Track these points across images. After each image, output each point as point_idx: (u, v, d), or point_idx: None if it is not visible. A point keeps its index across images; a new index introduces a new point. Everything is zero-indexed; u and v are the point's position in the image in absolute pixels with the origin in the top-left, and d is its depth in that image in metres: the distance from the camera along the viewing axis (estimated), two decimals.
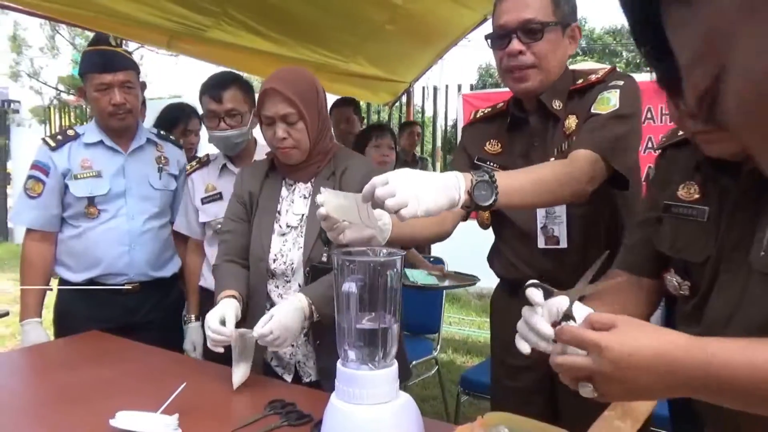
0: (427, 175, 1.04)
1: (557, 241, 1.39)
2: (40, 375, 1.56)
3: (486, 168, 1.14)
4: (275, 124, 1.48)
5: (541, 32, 1.33)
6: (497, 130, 1.51)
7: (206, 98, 1.93)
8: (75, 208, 1.92)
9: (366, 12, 3.37)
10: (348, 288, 0.96)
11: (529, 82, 1.37)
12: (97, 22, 2.73)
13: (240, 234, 1.61)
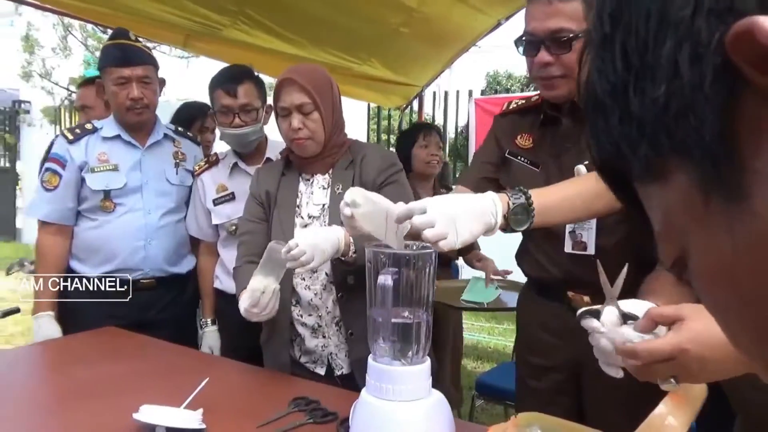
0: (464, 200, 1.00)
1: (584, 247, 1.36)
2: (57, 370, 1.54)
3: (522, 189, 1.09)
4: (291, 114, 1.48)
5: (570, 43, 1.26)
6: (530, 124, 1.47)
7: (219, 93, 1.88)
8: (91, 201, 1.90)
9: (381, 14, 3.36)
10: (384, 281, 0.94)
11: (557, 91, 1.33)
12: (115, 19, 2.72)
13: (259, 234, 1.58)
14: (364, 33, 3.58)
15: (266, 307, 1.31)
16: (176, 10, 2.84)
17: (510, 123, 1.52)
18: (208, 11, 2.92)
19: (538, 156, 1.43)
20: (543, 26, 1.26)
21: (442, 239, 0.93)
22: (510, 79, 15.62)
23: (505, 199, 1.05)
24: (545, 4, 1.24)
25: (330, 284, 1.51)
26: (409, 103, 5.41)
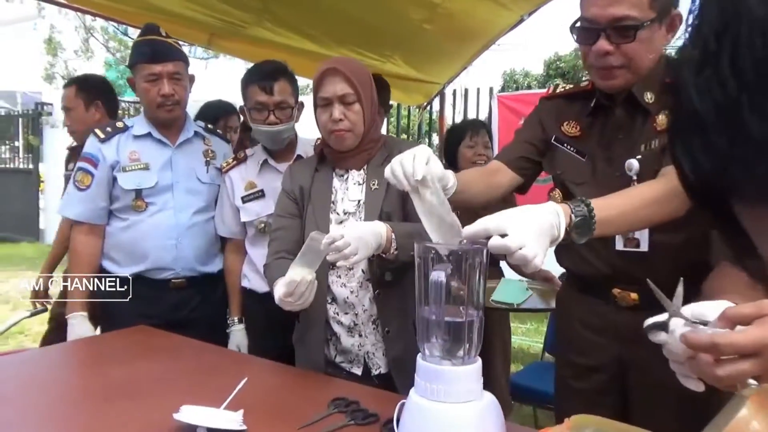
0: (534, 215, 0.95)
1: (637, 244, 1.29)
2: (92, 368, 1.52)
3: (583, 200, 1.04)
4: (332, 104, 1.45)
5: (634, 32, 1.18)
6: (577, 111, 1.41)
7: (255, 89, 1.85)
8: (123, 200, 1.89)
9: (405, 10, 3.32)
10: (437, 277, 0.90)
11: (615, 81, 1.26)
12: (140, 17, 2.72)
13: (292, 230, 1.55)
14: (387, 30, 3.55)
15: (301, 296, 1.27)
16: (201, 8, 2.84)
17: (556, 107, 1.45)
18: (232, 9, 2.91)
19: (585, 145, 1.38)
20: (605, 13, 1.19)
21: (530, 263, 0.89)
22: (527, 77, 15.51)
23: (567, 211, 1.00)
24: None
25: (366, 282, 1.48)
26: (430, 101, 5.37)
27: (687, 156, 0.35)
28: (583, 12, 1.24)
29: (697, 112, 0.32)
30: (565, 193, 1.41)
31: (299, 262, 1.28)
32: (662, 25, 1.22)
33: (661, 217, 1.14)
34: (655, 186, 1.14)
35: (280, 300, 1.29)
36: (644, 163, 1.26)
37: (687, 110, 0.33)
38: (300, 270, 1.27)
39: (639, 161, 1.26)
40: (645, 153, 1.27)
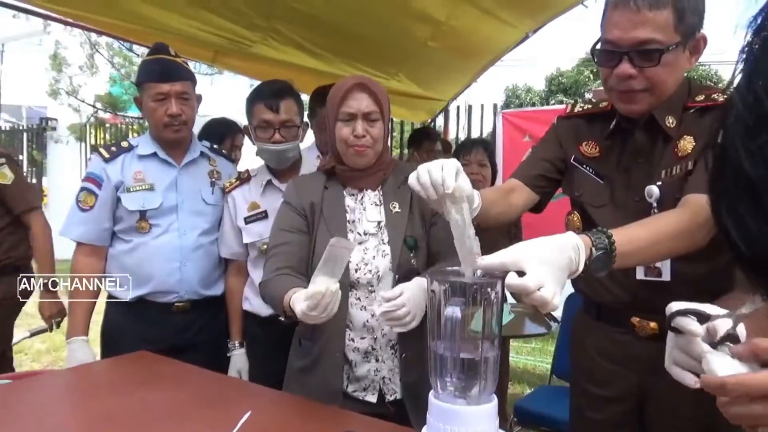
0: (553, 250, 0.91)
1: (659, 273, 1.25)
2: (90, 397, 1.48)
3: (604, 231, 1.00)
4: (356, 120, 1.43)
5: (658, 56, 1.15)
6: (597, 132, 1.37)
7: (260, 107, 1.83)
8: (126, 222, 1.86)
9: (410, 28, 3.32)
10: (452, 313, 0.86)
11: (637, 105, 1.23)
12: (145, 35, 2.72)
13: (298, 246, 1.48)
14: (392, 47, 3.55)
15: (326, 308, 1.18)
16: (206, 26, 2.83)
17: (574, 127, 1.42)
18: (237, 27, 2.91)
19: (604, 167, 1.34)
20: (628, 36, 1.15)
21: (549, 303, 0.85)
22: (529, 93, 15.58)
23: (588, 243, 0.96)
24: (632, 12, 1.13)
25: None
26: (434, 118, 5.36)
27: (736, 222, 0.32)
28: (606, 34, 1.20)
29: (748, 176, 0.29)
30: (583, 215, 1.38)
31: (321, 272, 1.19)
32: (686, 49, 1.19)
33: (683, 250, 1.10)
34: (678, 217, 1.11)
35: (303, 314, 1.19)
36: (665, 189, 1.22)
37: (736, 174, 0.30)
38: (323, 280, 1.17)
39: (659, 188, 1.22)
40: (666, 179, 1.23)
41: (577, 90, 14.56)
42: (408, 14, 3.07)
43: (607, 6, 1.20)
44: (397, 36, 3.38)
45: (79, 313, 1.85)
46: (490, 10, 3.19)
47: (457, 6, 3.07)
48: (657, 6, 1.12)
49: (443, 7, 3.05)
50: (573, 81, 14.82)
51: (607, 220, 1.31)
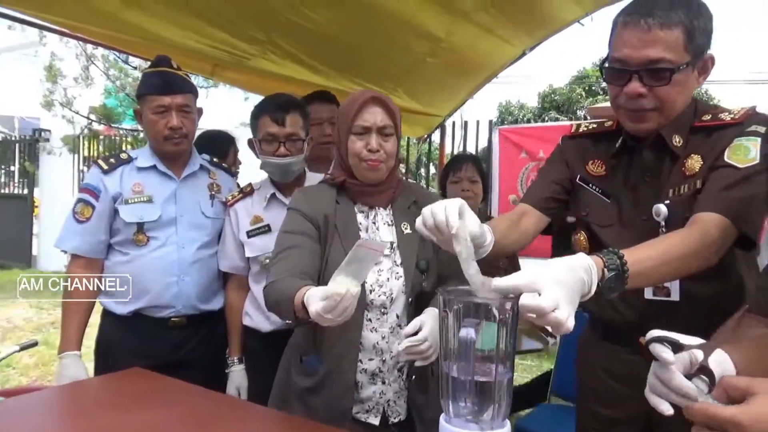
0: (567, 271, 0.89)
1: (668, 293, 1.24)
2: (80, 416, 1.43)
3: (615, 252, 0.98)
4: (370, 133, 1.41)
5: (669, 75, 1.14)
6: (603, 150, 1.37)
7: (266, 120, 1.82)
8: (123, 234, 1.83)
9: (409, 43, 3.33)
10: (466, 334, 0.84)
11: (646, 124, 1.22)
12: (143, 48, 2.71)
13: (309, 251, 1.39)
14: (391, 62, 3.55)
15: (343, 312, 1.09)
16: (205, 39, 2.82)
17: (580, 146, 1.41)
18: (236, 40, 2.90)
19: (610, 186, 1.33)
20: (639, 55, 1.14)
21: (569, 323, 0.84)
22: (522, 109, 15.70)
23: (600, 264, 0.94)
24: (643, 31, 1.12)
25: (398, 327, 1.41)
26: (430, 134, 5.36)
27: None
28: (615, 52, 1.19)
29: None
30: (590, 235, 1.36)
31: (343, 272, 1.09)
32: (695, 69, 1.18)
33: (694, 269, 1.09)
34: (688, 237, 1.09)
35: (317, 314, 1.09)
36: (673, 208, 1.21)
37: None
38: (344, 281, 1.07)
39: (667, 206, 1.21)
40: (673, 198, 1.22)
41: (570, 107, 14.69)
42: (408, 30, 3.08)
43: (616, 23, 1.20)
44: (396, 51, 3.38)
45: (72, 326, 1.81)
46: (489, 28, 3.21)
47: (457, 23, 3.08)
48: (668, 25, 1.12)
49: (443, 24, 3.06)
50: (566, 98, 14.94)
51: (614, 239, 1.30)
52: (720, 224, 1.10)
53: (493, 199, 4.89)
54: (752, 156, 1.13)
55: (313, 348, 1.43)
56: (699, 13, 1.15)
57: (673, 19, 1.11)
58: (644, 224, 1.26)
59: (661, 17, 1.11)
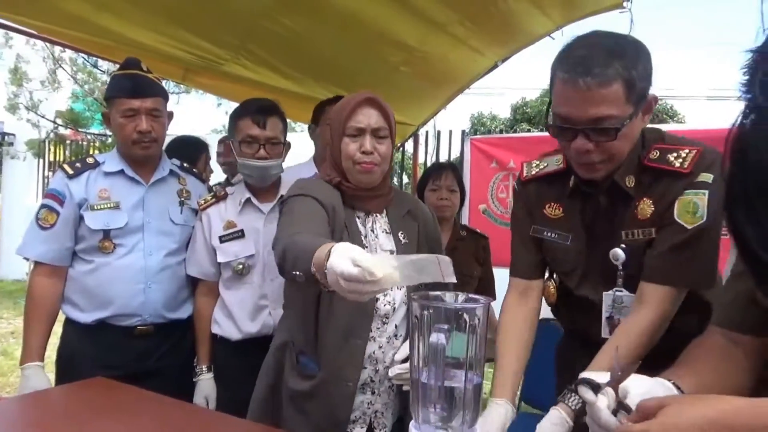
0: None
1: None
2: (42, 427, 1.39)
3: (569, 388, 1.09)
4: (364, 135, 1.38)
5: (615, 132, 1.12)
6: (558, 192, 1.35)
7: (247, 122, 1.81)
8: (89, 241, 1.78)
9: (383, 52, 3.35)
10: (437, 340, 0.84)
11: (598, 173, 1.22)
12: (114, 51, 2.66)
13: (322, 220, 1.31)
14: (365, 71, 3.56)
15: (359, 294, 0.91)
16: (177, 43, 2.79)
17: (535, 191, 1.40)
18: (210, 45, 2.88)
19: (569, 228, 1.33)
20: (582, 114, 1.11)
21: None
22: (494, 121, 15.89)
23: (568, 411, 1.08)
24: (582, 90, 1.08)
25: (394, 337, 1.40)
26: (403, 143, 5.38)
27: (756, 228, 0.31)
28: (557, 108, 1.16)
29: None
30: (557, 283, 1.40)
31: (399, 261, 0.92)
32: (640, 113, 1.17)
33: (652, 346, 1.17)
34: (648, 321, 1.17)
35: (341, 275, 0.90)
36: (629, 252, 1.23)
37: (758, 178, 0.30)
38: (390, 267, 0.89)
39: (624, 251, 1.23)
40: (628, 241, 1.24)
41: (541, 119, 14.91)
42: (382, 39, 3.10)
43: (554, 75, 1.15)
44: (370, 60, 3.39)
45: (35, 337, 1.75)
46: (462, 38, 3.25)
47: (431, 33, 3.11)
48: (607, 83, 1.08)
49: (417, 34, 3.09)
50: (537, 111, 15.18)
51: (576, 284, 1.34)
52: (671, 295, 1.17)
53: (464, 208, 4.93)
54: (699, 215, 1.14)
55: (313, 349, 1.38)
56: (637, 59, 1.11)
57: (611, 75, 1.08)
58: (601, 264, 1.28)
59: (599, 75, 1.07)
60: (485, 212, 4.68)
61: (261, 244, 1.86)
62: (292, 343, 1.43)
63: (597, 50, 1.10)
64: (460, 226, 2.64)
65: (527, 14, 3.07)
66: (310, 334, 1.39)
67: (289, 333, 1.46)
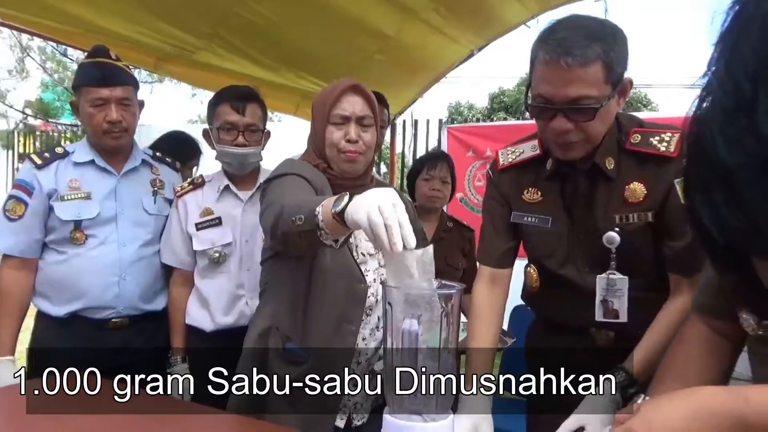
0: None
1: (616, 315, 1.29)
2: (11, 422, 1.37)
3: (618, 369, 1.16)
4: (349, 123, 1.36)
5: (593, 112, 1.15)
6: (533, 177, 1.38)
7: (226, 108, 1.78)
8: (59, 232, 1.75)
9: (358, 40, 3.33)
10: (409, 326, 0.84)
11: (575, 153, 1.24)
12: (84, 39, 2.60)
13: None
14: (340, 59, 3.54)
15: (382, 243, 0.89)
16: (149, 31, 2.74)
17: (513, 178, 1.42)
18: (181, 33, 2.83)
19: (549, 211, 1.35)
20: (561, 93, 1.14)
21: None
22: (471, 110, 15.96)
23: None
24: (562, 70, 1.12)
25: (376, 329, 1.39)
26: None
27: (709, 210, 0.32)
28: (537, 89, 1.19)
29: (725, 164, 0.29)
30: (538, 267, 1.40)
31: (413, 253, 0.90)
32: (616, 95, 1.20)
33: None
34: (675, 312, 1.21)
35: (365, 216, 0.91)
36: (624, 237, 1.25)
37: (712, 162, 0.30)
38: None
39: (618, 234, 1.25)
40: (622, 225, 1.26)
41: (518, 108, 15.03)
42: (358, 27, 3.08)
43: (535, 57, 1.18)
44: (345, 48, 3.38)
45: (5, 330, 1.72)
46: (438, 26, 3.25)
47: (406, 21, 3.11)
48: (586, 63, 1.11)
49: (393, 22, 3.07)
50: (514, 100, 15.28)
51: (558, 266, 1.36)
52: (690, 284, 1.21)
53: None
54: None
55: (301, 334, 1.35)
56: (615, 42, 1.14)
57: (591, 55, 1.11)
58: (581, 243, 1.30)
59: (579, 55, 1.11)
60: (462, 201, 4.70)
61: (238, 232, 1.85)
62: (276, 328, 1.39)
63: (577, 32, 1.13)
64: (447, 218, 2.63)
65: (502, 2, 3.08)
66: (299, 319, 1.36)
67: (272, 318, 1.41)
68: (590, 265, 1.30)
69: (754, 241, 0.30)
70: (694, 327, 1.04)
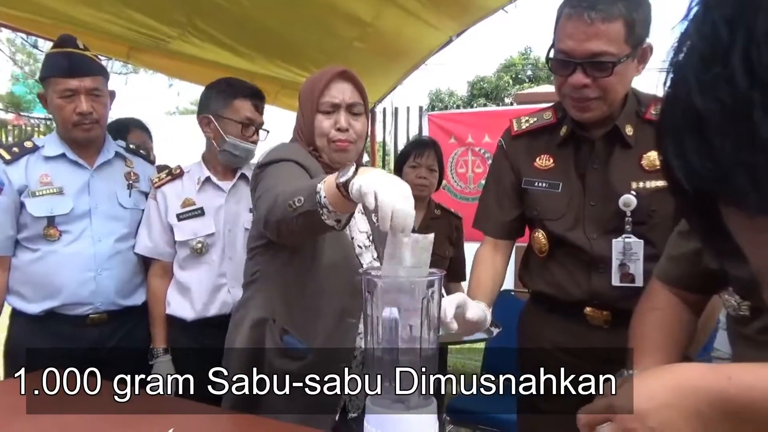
0: None
1: (633, 279, 1.29)
2: (9, 424, 1.33)
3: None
4: (338, 111, 1.33)
5: (611, 67, 1.20)
6: (546, 144, 1.40)
7: (247, 105, 1.84)
8: (32, 229, 1.70)
9: (336, 28, 3.29)
10: (389, 314, 0.83)
11: (591, 113, 1.28)
12: (54, 29, 2.52)
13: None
14: (317, 46, 3.50)
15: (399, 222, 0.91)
16: (122, 21, 2.67)
17: (525, 144, 1.43)
18: (154, 22, 2.76)
19: (561, 177, 1.36)
20: (582, 48, 1.20)
21: None
22: (452, 96, 15.98)
23: None
24: (586, 24, 1.17)
25: None
26: None
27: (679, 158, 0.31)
28: (559, 44, 1.24)
29: (697, 111, 0.28)
30: (546, 232, 1.40)
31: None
32: (635, 58, 1.24)
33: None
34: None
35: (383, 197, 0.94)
36: (640, 201, 1.27)
37: (685, 109, 0.30)
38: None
39: (636, 198, 1.27)
40: (638, 190, 1.28)
41: (498, 95, 15.08)
42: (335, 14, 3.04)
43: (560, 14, 1.24)
44: (322, 35, 3.33)
45: None
46: (415, 12, 3.22)
47: (384, 7, 3.08)
48: (609, 19, 1.17)
49: (370, 8, 3.04)
50: (494, 86, 15.33)
51: (565, 229, 1.36)
52: None
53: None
54: None
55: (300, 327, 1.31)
56: (638, 4, 1.20)
57: (614, 12, 1.16)
58: (592, 210, 1.32)
59: (603, 11, 1.16)
60: (445, 187, 4.70)
61: (221, 222, 1.85)
62: (273, 320, 1.34)
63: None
64: (435, 205, 2.62)
65: None
66: (297, 312, 1.33)
67: (265, 310, 1.36)
68: (600, 231, 1.32)
69: (721, 189, 0.30)
70: (662, 294, 1.06)
